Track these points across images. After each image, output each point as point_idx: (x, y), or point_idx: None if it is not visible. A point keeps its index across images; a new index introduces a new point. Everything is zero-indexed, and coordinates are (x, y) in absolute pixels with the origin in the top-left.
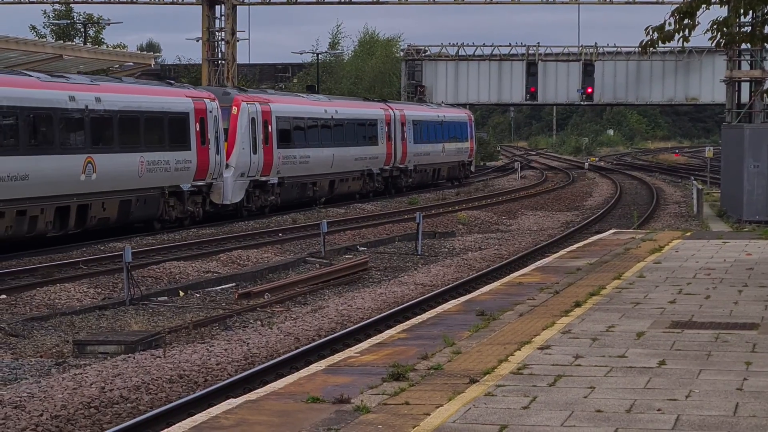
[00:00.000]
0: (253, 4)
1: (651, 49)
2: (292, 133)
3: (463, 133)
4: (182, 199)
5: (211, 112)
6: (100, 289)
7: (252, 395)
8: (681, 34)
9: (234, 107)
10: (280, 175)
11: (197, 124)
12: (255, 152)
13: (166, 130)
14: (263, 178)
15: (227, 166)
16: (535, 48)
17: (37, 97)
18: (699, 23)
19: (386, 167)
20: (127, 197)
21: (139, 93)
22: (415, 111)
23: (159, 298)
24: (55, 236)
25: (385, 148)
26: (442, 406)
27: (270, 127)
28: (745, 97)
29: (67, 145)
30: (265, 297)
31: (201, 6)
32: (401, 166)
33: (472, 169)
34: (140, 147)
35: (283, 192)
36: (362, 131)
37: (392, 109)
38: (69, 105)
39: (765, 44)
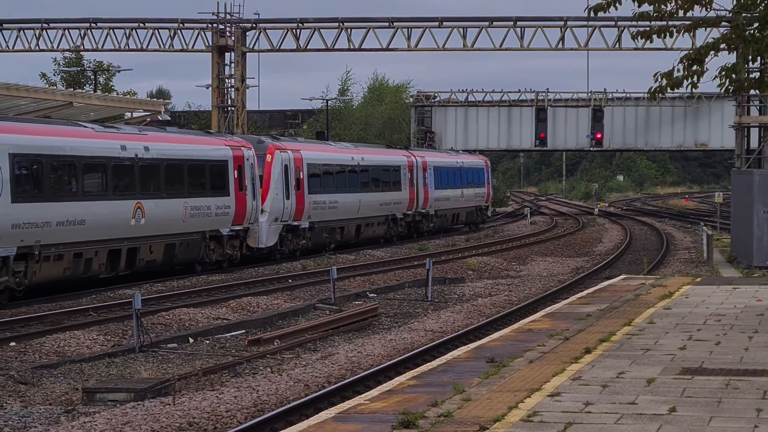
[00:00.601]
0: (263, 51)
1: (660, 95)
2: (321, 179)
3: (480, 178)
4: (222, 243)
5: (247, 159)
6: (109, 337)
7: None
8: (690, 80)
9: (268, 155)
10: (310, 219)
11: (235, 171)
12: (288, 198)
13: (207, 177)
14: (295, 223)
15: (262, 211)
16: (544, 94)
17: (92, 147)
18: (707, 69)
19: (409, 212)
20: (172, 241)
21: (182, 142)
22: (435, 157)
23: (168, 345)
24: (107, 277)
25: (408, 193)
26: None
27: (301, 173)
28: (754, 142)
29: (119, 191)
30: (275, 344)
31: (211, 53)
32: (423, 210)
33: (489, 213)
34: (184, 193)
35: (314, 236)
36: (386, 177)
37: (414, 156)
38: (121, 154)
39: None
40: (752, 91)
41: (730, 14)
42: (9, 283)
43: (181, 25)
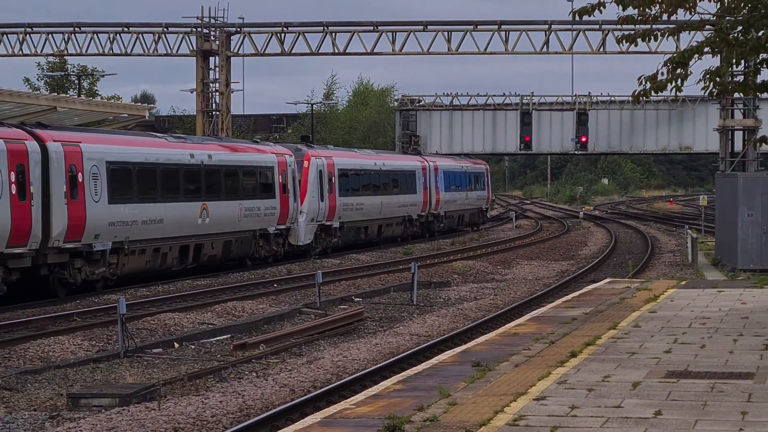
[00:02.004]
0: (248, 55)
1: (644, 98)
2: (350, 183)
3: (481, 182)
4: (269, 240)
5: (289, 165)
6: (94, 342)
7: None
8: (674, 83)
9: (305, 161)
10: (341, 220)
11: (280, 176)
12: (322, 200)
13: (258, 182)
14: (328, 223)
15: (300, 212)
16: (529, 97)
17: (168, 155)
18: (692, 73)
19: (423, 213)
20: (229, 238)
21: (237, 150)
22: (444, 162)
23: (154, 351)
24: (178, 270)
25: (423, 196)
26: None
27: (333, 178)
28: (738, 145)
29: (189, 194)
30: (261, 348)
31: (195, 58)
32: (435, 212)
33: (488, 215)
34: (239, 196)
35: (343, 235)
36: (404, 181)
37: (427, 161)
38: (190, 161)
39: (758, 93)
40: (736, 94)
41: (714, 18)
42: (105, 273)
43: (165, 29)
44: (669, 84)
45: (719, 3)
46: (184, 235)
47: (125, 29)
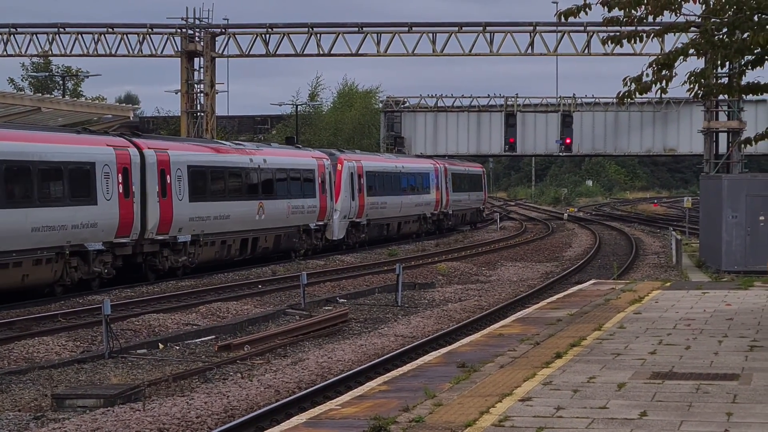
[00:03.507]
0: (232, 56)
1: (629, 100)
2: (375, 184)
3: (480, 184)
4: (310, 235)
5: (327, 168)
6: (78, 343)
7: None
8: (659, 85)
9: (339, 164)
10: (368, 217)
11: (319, 178)
12: (353, 199)
13: (302, 183)
14: (357, 220)
15: (335, 210)
16: (513, 99)
17: (233, 160)
18: (677, 74)
19: (435, 212)
20: (279, 232)
21: (285, 155)
22: (452, 165)
23: (138, 351)
24: (238, 260)
25: (435, 196)
26: None
27: (362, 179)
28: (722, 147)
29: (249, 193)
30: (245, 349)
31: (180, 58)
32: (445, 210)
33: (484, 215)
34: (288, 195)
35: (370, 231)
36: (420, 182)
37: (437, 164)
38: (249, 165)
39: (742, 95)
40: (721, 96)
41: (699, 19)
42: (185, 262)
43: (149, 30)
44: (654, 85)
45: (704, 5)
46: (244, 229)
47: (110, 30)
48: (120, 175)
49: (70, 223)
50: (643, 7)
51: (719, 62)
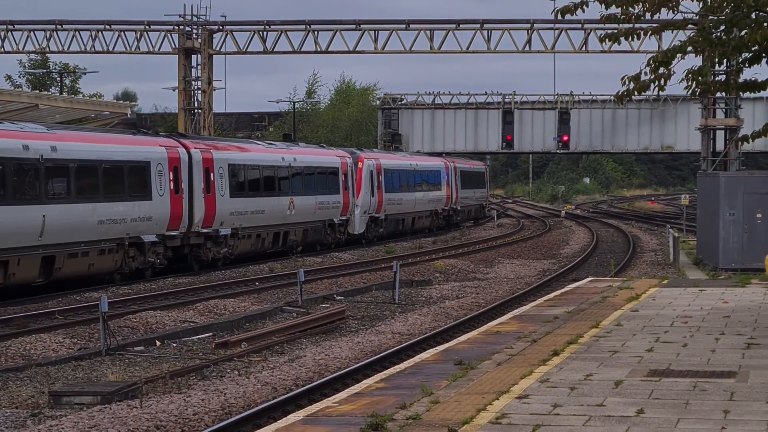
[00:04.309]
0: (230, 53)
1: (627, 98)
2: (392, 181)
3: (483, 181)
4: (334, 229)
5: (349, 166)
6: (76, 340)
7: None
8: (656, 83)
9: (359, 163)
10: (385, 212)
11: (343, 176)
12: (373, 195)
13: (328, 180)
14: (376, 215)
15: (356, 206)
16: (511, 96)
17: (267, 158)
18: (674, 72)
19: (446, 208)
20: (307, 226)
21: (312, 154)
22: (460, 164)
23: (135, 348)
24: (271, 252)
25: (446, 192)
26: None
27: (380, 177)
28: (720, 145)
29: (281, 189)
30: (242, 346)
31: (177, 55)
32: (454, 206)
33: (486, 212)
34: (315, 192)
35: (387, 225)
36: (432, 179)
37: (448, 162)
38: (282, 163)
39: (739, 93)
40: (718, 94)
41: (697, 17)
42: (226, 253)
43: (147, 27)
44: (652, 84)
45: (702, 2)
46: (277, 223)
47: (107, 27)
48: (171, 173)
49: (129, 217)
50: (641, 4)
51: (717, 60)
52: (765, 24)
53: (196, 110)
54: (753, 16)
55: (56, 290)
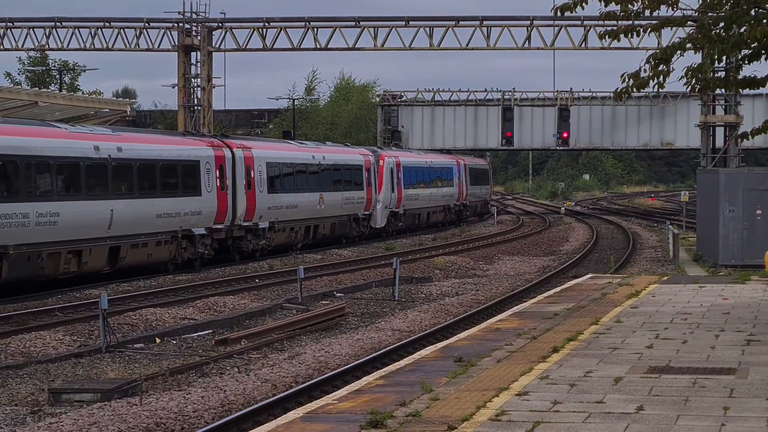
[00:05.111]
0: (229, 50)
1: (626, 95)
2: (410, 177)
3: (487, 177)
4: (359, 223)
5: (372, 163)
6: (75, 337)
7: None
8: (656, 80)
9: (381, 160)
10: (404, 207)
11: (366, 172)
12: (393, 191)
13: (353, 177)
14: (396, 210)
15: (378, 201)
16: (510, 93)
17: (300, 156)
18: (674, 69)
19: (457, 203)
20: (334, 221)
21: (340, 152)
22: (468, 161)
23: (135, 346)
24: (303, 244)
25: (457, 188)
26: None
27: (399, 173)
28: (719, 141)
29: (312, 186)
30: (242, 343)
31: (177, 53)
32: (464, 202)
33: (489, 207)
34: (341, 188)
35: (406, 219)
36: (445, 176)
37: (458, 159)
38: (312, 161)
39: (739, 90)
40: (718, 91)
41: (696, 14)
42: (264, 245)
43: (146, 24)
44: (651, 80)
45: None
46: (308, 218)
47: (106, 24)
48: (217, 171)
49: (182, 211)
50: (640, 1)
51: (716, 57)
52: (764, 21)
53: (195, 107)
54: (752, 12)
55: (118, 278)
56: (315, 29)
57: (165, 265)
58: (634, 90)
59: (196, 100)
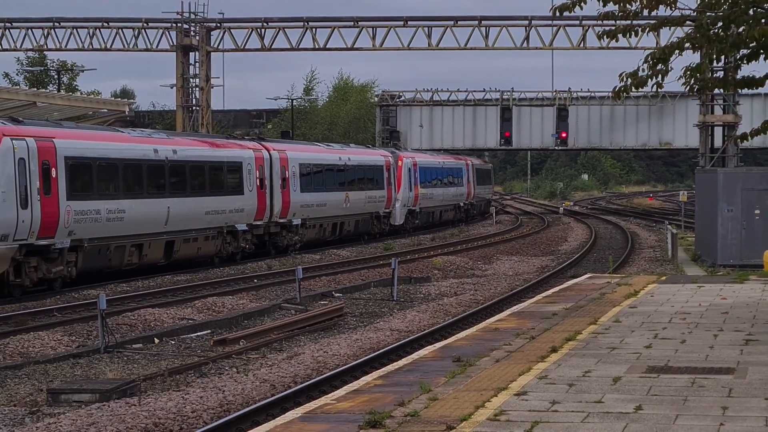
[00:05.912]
0: (227, 50)
1: (624, 94)
2: (426, 177)
3: (490, 178)
4: (380, 221)
5: (391, 164)
6: (74, 337)
7: None
8: (654, 80)
9: (399, 161)
10: (420, 205)
11: (386, 172)
12: (410, 190)
13: (374, 176)
14: (413, 208)
15: (397, 199)
16: (509, 93)
17: (328, 158)
18: (672, 69)
19: (466, 202)
20: (358, 218)
21: (362, 154)
22: (474, 162)
23: (134, 346)
24: (330, 240)
25: (467, 188)
26: None
27: (416, 173)
28: (718, 141)
29: (339, 185)
30: (241, 344)
31: (175, 53)
32: (472, 201)
33: (492, 206)
34: (365, 187)
35: (421, 217)
36: (456, 176)
37: (467, 160)
38: (339, 162)
39: (737, 89)
40: (716, 90)
41: (695, 14)
42: (297, 240)
43: (145, 24)
44: (650, 80)
45: None
46: (335, 215)
47: (105, 24)
48: (257, 171)
49: (227, 209)
50: (638, 1)
51: (715, 56)
52: (763, 20)
53: (194, 107)
54: (751, 12)
55: (173, 270)
56: (313, 29)
57: (211, 258)
58: (633, 89)
59: (194, 100)
